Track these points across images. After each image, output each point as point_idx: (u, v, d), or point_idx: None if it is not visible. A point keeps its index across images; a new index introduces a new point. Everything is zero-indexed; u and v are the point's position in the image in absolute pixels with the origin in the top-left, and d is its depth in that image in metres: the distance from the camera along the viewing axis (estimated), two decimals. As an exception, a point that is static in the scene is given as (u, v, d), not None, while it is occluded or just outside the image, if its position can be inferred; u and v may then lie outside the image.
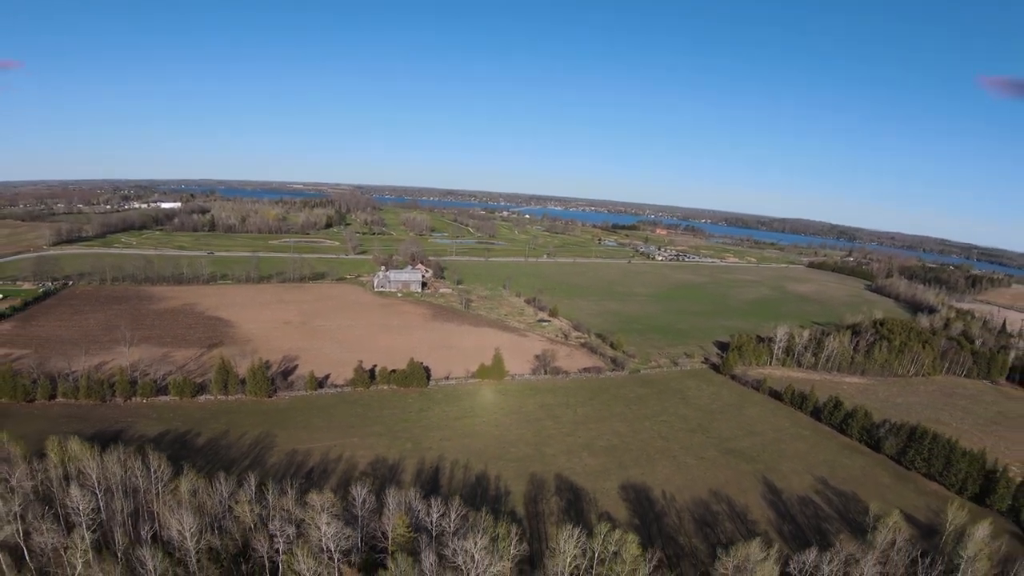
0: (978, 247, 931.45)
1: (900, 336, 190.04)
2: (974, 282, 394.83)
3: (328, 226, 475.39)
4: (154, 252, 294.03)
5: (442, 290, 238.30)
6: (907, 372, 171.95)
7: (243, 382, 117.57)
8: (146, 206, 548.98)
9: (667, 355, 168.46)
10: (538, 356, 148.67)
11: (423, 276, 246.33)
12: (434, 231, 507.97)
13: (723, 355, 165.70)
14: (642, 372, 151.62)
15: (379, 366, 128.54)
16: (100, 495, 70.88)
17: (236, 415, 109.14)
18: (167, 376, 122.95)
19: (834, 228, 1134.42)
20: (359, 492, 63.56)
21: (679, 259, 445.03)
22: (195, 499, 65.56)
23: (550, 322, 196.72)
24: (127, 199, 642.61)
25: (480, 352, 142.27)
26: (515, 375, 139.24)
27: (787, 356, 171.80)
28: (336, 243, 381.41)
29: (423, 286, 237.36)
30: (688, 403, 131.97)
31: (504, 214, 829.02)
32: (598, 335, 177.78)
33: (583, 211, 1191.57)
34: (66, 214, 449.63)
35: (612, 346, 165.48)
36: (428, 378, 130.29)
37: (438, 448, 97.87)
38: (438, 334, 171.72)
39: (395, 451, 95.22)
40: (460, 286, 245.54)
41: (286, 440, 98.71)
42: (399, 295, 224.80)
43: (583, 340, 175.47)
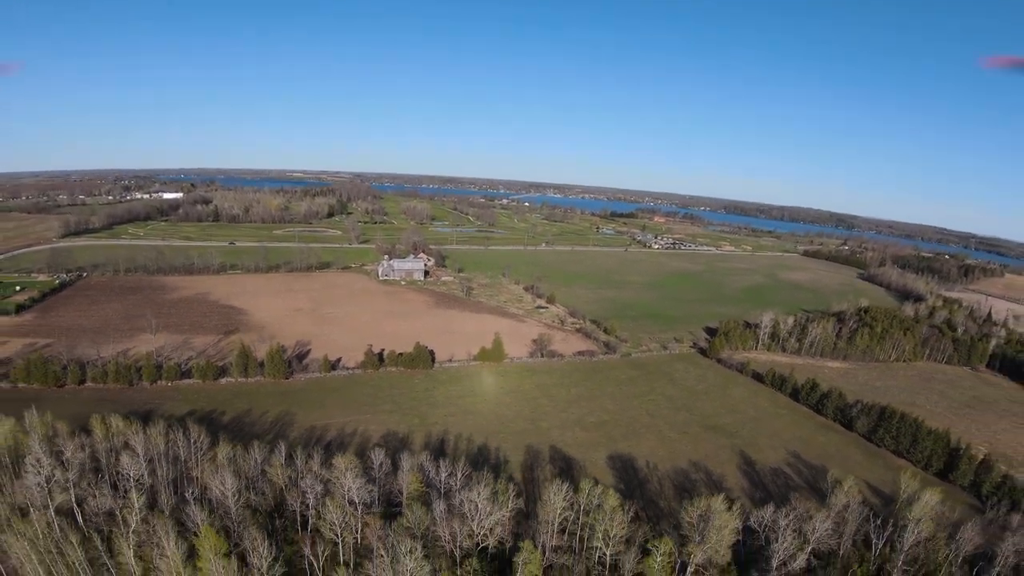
0: (977, 236, 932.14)
1: (882, 323, 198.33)
2: (967, 271, 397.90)
3: (330, 215, 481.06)
4: (162, 243, 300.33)
5: (444, 278, 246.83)
6: (888, 358, 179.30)
7: (261, 365, 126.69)
8: (148, 196, 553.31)
9: (658, 340, 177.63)
10: (535, 340, 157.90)
11: (425, 264, 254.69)
12: (434, 219, 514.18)
13: (711, 340, 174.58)
14: (633, 356, 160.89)
15: (387, 350, 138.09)
16: (145, 463, 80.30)
17: (256, 396, 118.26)
18: (189, 361, 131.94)
19: (833, 216, 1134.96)
20: (376, 457, 72.93)
21: (675, 247, 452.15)
22: (232, 464, 74.84)
23: (547, 308, 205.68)
24: (128, 190, 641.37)
25: (481, 336, 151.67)
26: (514, 358, 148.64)
27: (772, 341, 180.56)
28: (339, 232, 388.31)
29: (425, 274, 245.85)
30: (675, 384, 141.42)
31: (504, 202, 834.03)
32: (593, 321, 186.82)
33: (582, 198, 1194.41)
34: (70, 206, 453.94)
35: (606, 331, 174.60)
36: (433, 361, 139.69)
37: (443, 423, 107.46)
38: (441, 320, 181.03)
39: (404, 426, 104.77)
40: (461, 274, 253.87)
41: (304, 417, 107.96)
42: (403, 283, 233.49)
43: (578, 326, 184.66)
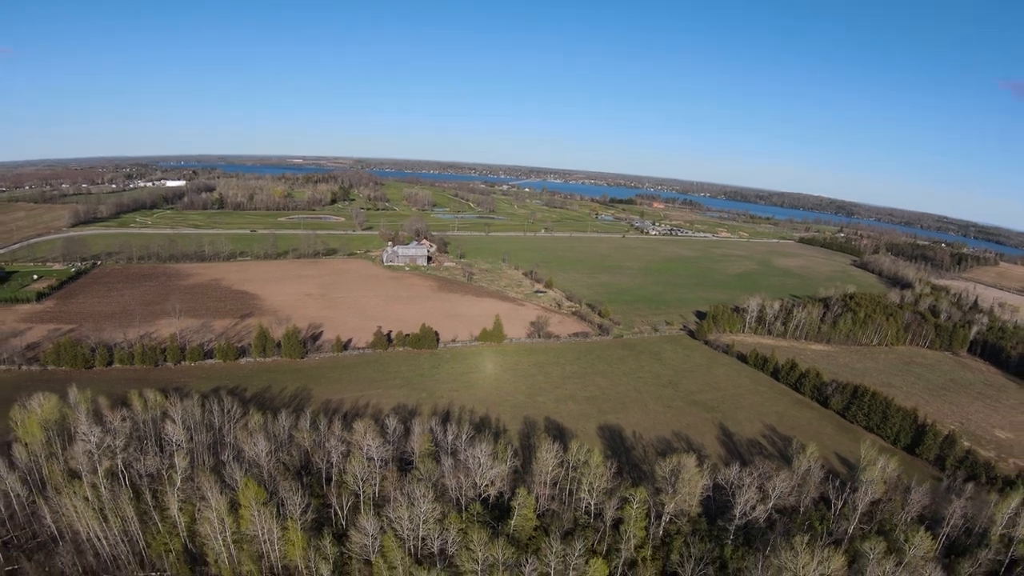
0: (977, 225, 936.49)
1: (865, 308, 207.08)
2: (960, 260, 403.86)
3: (333, 202, 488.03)
4: (171, 231, 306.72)
5: (446, 264, 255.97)
6: (870, 342, 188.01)
7: (278, 346, 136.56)
8: (151, 185, 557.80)
9: (649, 322, 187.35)
10: (533, 322, 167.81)
11: (428, 251, 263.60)
12: (436, 206, 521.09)
13: (700, 323, 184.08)
14: (625, 337, 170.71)
15: (395, 331, 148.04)
16: (183, 431, 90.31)
17: (275, 373, 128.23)
18: (209, 343, 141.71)
19: (833, 203, 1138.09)
20: (390, 423, 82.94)
21: (672, 234, 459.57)
22: (263, 430, 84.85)
23: (545, 293, 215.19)
24: (130, 178, 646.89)
25: (482, 319, 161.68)
26: (513, 339, 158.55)
27: (759, 325, 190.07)
28: (342, 219, 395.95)
29: (429, 260, 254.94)
30: (663, 363, 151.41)
31: (504, 187, 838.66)
32: (588, 305, 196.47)
33: (582, 184, 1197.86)
34: (76, 195, 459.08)
35: (600, 314, 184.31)
36: (437, 341, 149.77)
37: (448, 397, 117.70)
38: (445, 303, 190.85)
39: (413, 399, 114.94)
40: (463, 260, 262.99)
41: (320, 392, 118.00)
42: (407, 269, 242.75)
43: (574, 309, 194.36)
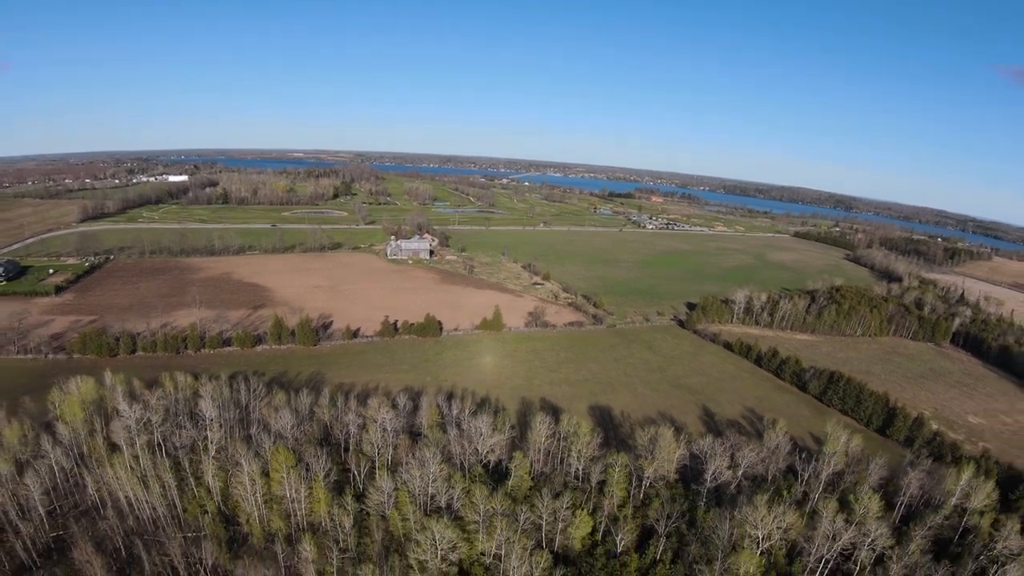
0: (975, 220, 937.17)
1: (850, 300, 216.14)
2: (953, 255, 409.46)
3: (335, 196, 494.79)
4: (179, 225, 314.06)
5: (448, 257, 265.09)
6: (854, 332, 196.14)
7: (292, 334, 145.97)
8: (154, 179, 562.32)
9: (642, 313, 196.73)
10: (531, 313, 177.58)
11: (430, 245, 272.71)
12: (436, 200, 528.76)
13: (690, 313, 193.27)
14: (618, 326, 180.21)
15: (400, 320, 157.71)
16: (214, 408, 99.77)
17: (290, 359, 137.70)
18: (226, 331, 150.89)
19: (832, 197, 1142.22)
20: (401, 400, 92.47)
21: (669, 228, 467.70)
22: (287, 406, 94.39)
23: (543, 285, 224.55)
24: (132, 173, 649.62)
25: (483, 309, 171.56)
26: (511, 328, 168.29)
27: (746, 316, 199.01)
28: (345, 213, 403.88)
29: (431, 254, 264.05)
30: (653, 351, 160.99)
31: (504, 181, 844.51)
32: (584, 296, 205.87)
33: (582, 178, 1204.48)
34: (81, 190, 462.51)
35: (594, 305, 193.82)
36: (441, 330, 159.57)
37: (452, 380, 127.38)
38: (447, 295, 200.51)
39: (419, 382, 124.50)
40: (463, 253, 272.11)
41: (333, 376, 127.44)
42: (410, 262, 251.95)
43: (570, 300, 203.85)
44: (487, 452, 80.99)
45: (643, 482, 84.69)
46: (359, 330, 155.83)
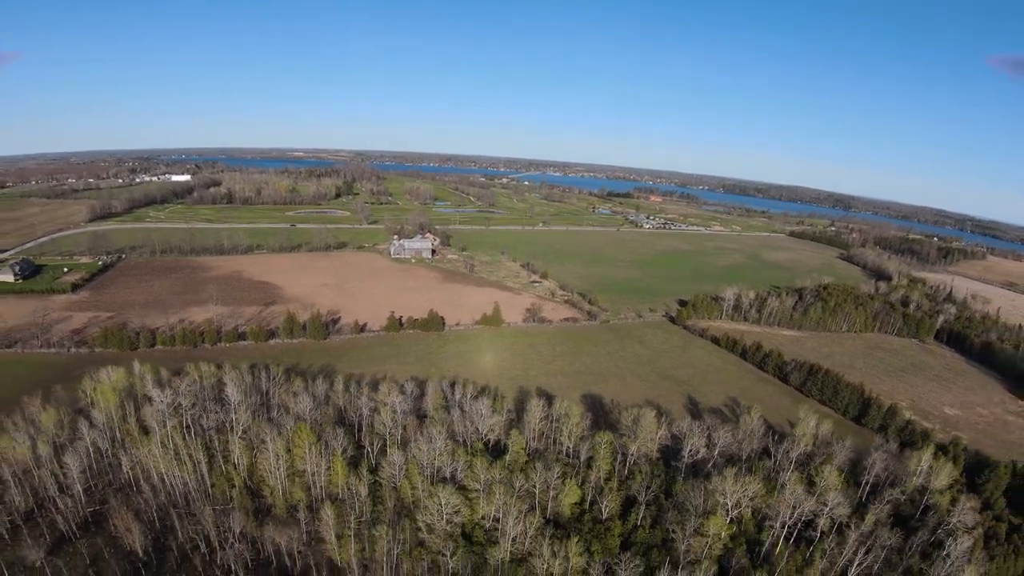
0: (974, 219, 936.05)
1: (836, 298, 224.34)
2: (946, 254, 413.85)
3: (337, 196, 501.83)
4: (185, 225, 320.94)
5: (449, 256, 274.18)
6: (840, 329, 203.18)
7: (304, 328, 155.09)
8: (157, 179, 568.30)
9: (635, 310, 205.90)
10: (528, 309, 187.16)
11: (432, 244, 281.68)
12: (437, 200, 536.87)
13: (680, 310, 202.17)
14: (611, 322, 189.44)
15: (405, 316, 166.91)
16: (239, 393, 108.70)
17: (302, 353, 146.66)
18: (241, 326, 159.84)
19: (831, 196, 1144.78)
20: (408, 386, 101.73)
21: (666, 227, 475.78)
22: (305, 391, 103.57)
23: (541, 283, 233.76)
24: (134, 172, 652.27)
25: (483, 306, 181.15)
26: (510, 323, 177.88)
27: (735, 312, 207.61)
28: (347, 213, 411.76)
29: (433, 253, 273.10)
30: (643, 345, 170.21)
31: (504, 181, 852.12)
32: (580, 294, 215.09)
33: (582, 177, 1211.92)
34: (85, 190, 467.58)
35: (590, 302, 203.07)
36: (443, 325, 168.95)
37: (454, 370, 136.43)
38: (449, 292, 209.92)
39: (424, 372, 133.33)
40: (464, 253, 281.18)
41: (344, 367, 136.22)
42: (413, 261, 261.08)
43: (567, 298, 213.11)
44: (487, 431, 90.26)
45: (627, 459, 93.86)
46: (366, 325, 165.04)
